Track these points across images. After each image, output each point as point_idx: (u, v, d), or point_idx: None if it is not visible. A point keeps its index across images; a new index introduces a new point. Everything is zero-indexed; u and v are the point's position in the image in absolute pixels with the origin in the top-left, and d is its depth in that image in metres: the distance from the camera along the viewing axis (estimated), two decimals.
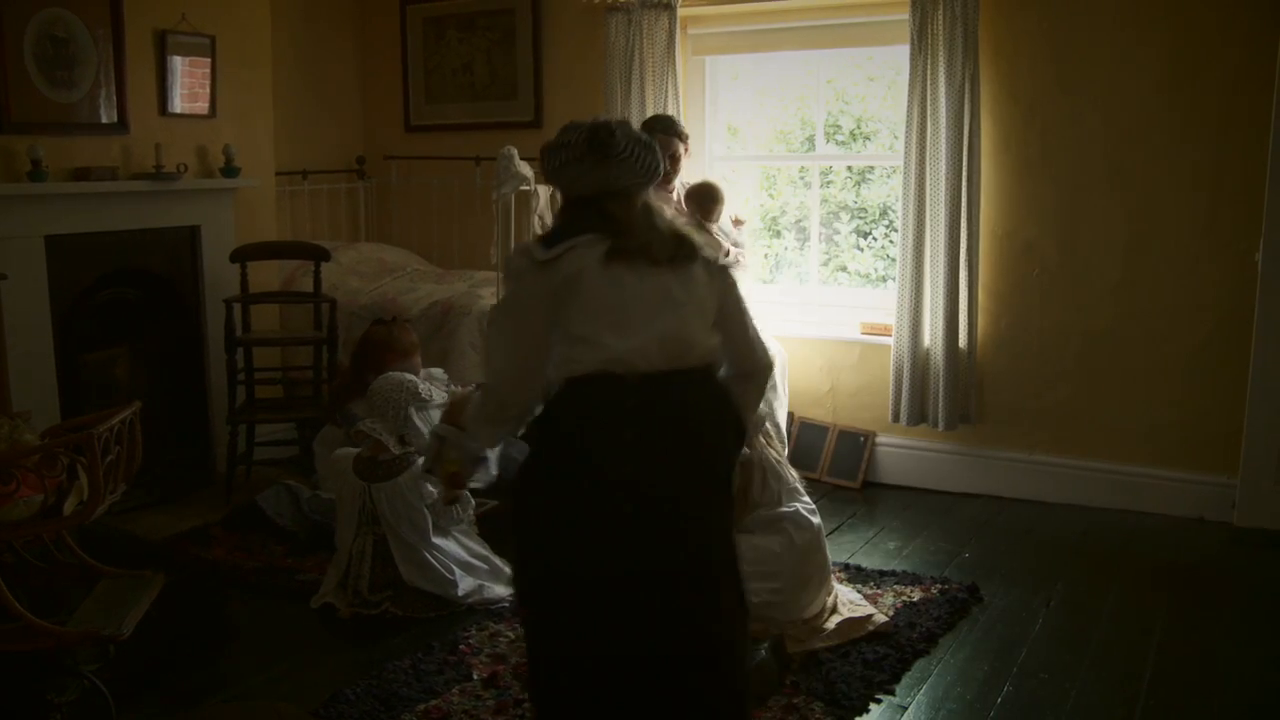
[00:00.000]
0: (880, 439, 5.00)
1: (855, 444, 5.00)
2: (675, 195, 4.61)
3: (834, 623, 3.31)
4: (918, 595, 3.63)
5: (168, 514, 4.48)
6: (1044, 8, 4.52)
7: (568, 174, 2.22)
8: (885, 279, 5.40)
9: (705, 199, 4.54)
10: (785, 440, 4.70)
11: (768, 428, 3.45)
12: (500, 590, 3.62)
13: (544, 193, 4.86)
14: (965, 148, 4.54)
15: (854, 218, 5.63)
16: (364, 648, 3.31)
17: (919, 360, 4.74)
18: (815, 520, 3.39)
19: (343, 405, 4.20)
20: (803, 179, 5.64)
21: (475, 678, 3.10)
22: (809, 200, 5.51)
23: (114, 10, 4.46)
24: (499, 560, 3.72)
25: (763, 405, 4.23)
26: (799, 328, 5.13)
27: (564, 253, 2.14)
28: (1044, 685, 3.06)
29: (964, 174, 4.56)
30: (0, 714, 2.80)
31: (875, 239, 5.57)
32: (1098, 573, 3.90)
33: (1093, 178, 4.52)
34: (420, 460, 3.51)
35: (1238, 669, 3.16)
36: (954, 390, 4.68)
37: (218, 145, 4.92)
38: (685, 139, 4.58)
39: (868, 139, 5.59)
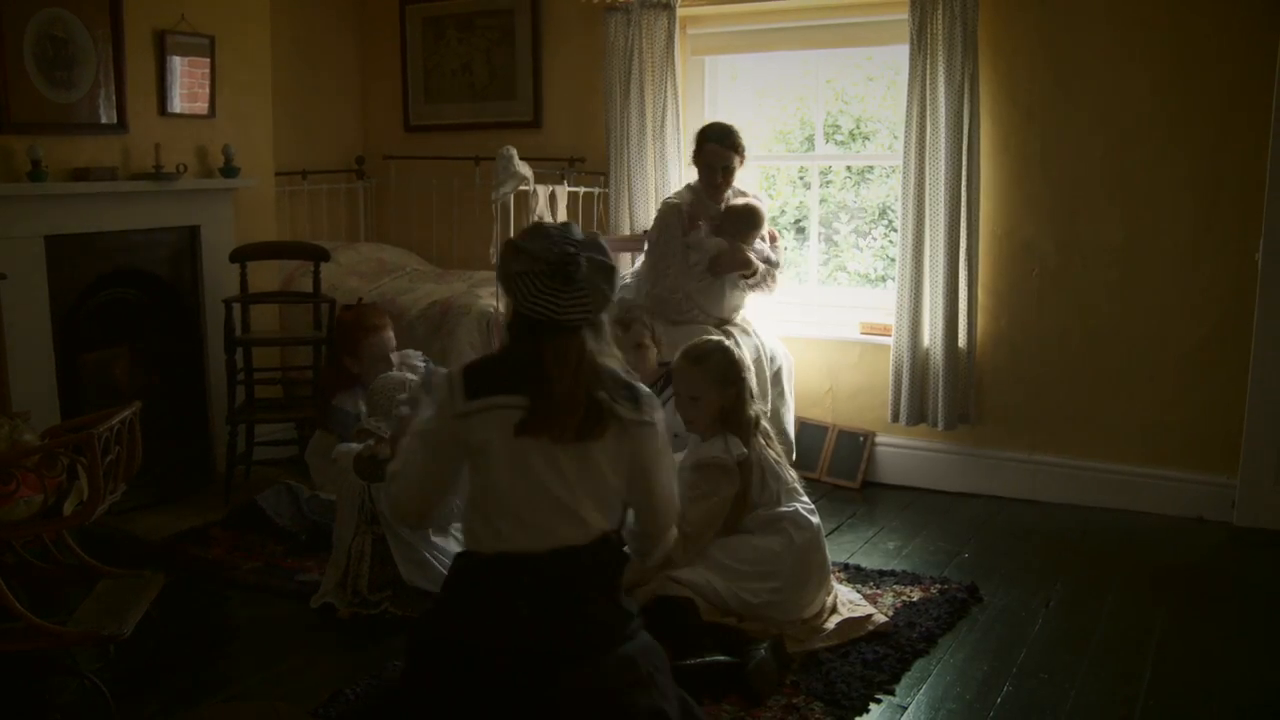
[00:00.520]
0: (880, 439, 5.00)
1: (855, 444, 5.00)
2: (723, 204, 4.55)
3: (833, 623, 3.30)
4: (917, 595, 3.63)
5: (167, 514, 4.48)
6: (1044, 8, 4.52)
7: (523, 287, 2.33)
8: (885, 279, 5.40)
9: (744, 225, 4.49)
10: (792, 446, 4.66)
11: (766, 427, 3.44)
12: None
13: (543, 192, 4.86)
14: (964, 148, 4.54)
15: (853, 218, 5.64)
16: (364, 648, 3.30)
17: (918, 360, 4.74)
18: (815, 520, 3.38)
19: (329, 400, 4.21)
20: (802, 179, 5.64)
21: None
22: (808, 200, 5.51)
23: (114, 10, 4.46)
24: None
25: (766, 407, 4.25)
26: (798, 328, 5.13)
27: (479, 411, 2.34)
28: (1043, 685, 3.06)
29: (963, 174, 4.56)
30: (0, 714, 2.80)
31: (875, 239, 5.58)
32: (1097, 573, 3.90)
33: (1092, 177, 4.52)
34: None
35: (1237, 669, 3.16)
36: (953, 390, 4.68)
37: (217, 145, 4.92)
38: (742, 151, 4.50)
39: (867, 139, 5.59)
